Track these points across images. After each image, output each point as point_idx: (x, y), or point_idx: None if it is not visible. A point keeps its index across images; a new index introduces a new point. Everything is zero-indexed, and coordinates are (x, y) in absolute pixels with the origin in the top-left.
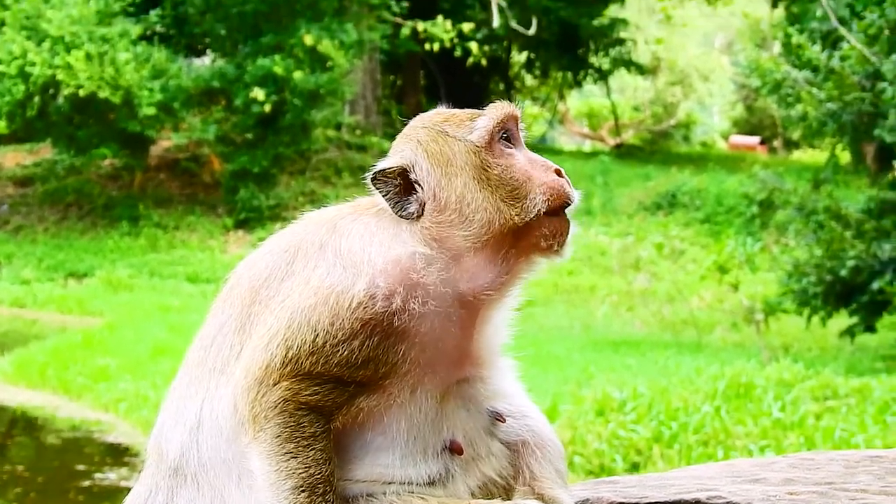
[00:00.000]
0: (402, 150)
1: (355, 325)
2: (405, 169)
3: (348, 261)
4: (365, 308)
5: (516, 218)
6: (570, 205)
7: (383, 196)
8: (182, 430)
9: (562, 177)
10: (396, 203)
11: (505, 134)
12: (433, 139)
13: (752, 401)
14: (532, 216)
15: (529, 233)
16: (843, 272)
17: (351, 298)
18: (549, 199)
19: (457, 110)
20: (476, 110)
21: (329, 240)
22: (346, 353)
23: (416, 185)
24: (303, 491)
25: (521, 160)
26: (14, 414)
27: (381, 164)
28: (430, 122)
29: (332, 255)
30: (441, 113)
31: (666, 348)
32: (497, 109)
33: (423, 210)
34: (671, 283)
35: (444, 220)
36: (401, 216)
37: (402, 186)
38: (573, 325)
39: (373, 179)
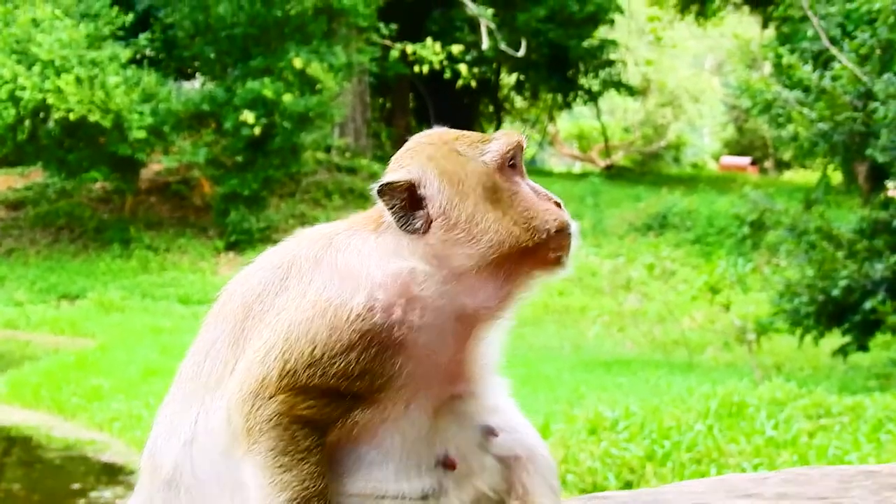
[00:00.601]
0: (408, 165)
1: (353, 337)
2: (413, 184)
3: (346, 274)
4: (363, 320)
5: (528, 240)
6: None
7: (389, 209)
8: (176, 443)
9: (561, 209)
10: (402, 217)
11: (512, 161)
12: (445, 156)
13: (744, 419)
14: (542, 237)
15: (536, 252)
16: (836, 292)
17: (349, 311)
18: (556, 224)
19: (464, 131)
20: (483, 134)
21: (325, 254)
22: (343, 364)
23: (423, 201)
24: None
25: (526, 188)
26: (9, 434)
27: (389, 177)
28: (440, 140)
29: (329, 269)
30: (448, 132)
31: (657, 368)
32: (509, 136)
33: (428, 226)
34: (662, 304)
35: (451, 238)
36: (405, 231)
37: (408, 201)
38: (564, 346)
39: (379, 192)
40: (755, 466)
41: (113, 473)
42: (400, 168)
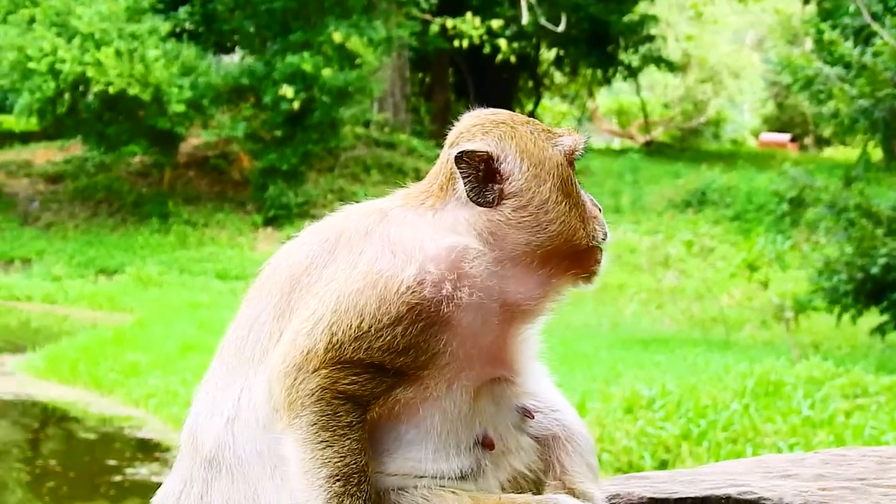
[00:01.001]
0: (484, 138)
1: (402, 309)
2: (492, 156)
3: (398, 247)
4: (413, 292)
5: (584, 240)
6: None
7: (464, 177)
8: (218, 420)
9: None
10: (475, 187)
11: (575, 161)
12: (524, 137)
13: (781, 398)
14: (596, 242)
15: (582, 256)
16: (874, 270)
17: (400, 283)
18: (603, 235)
19: (528, 117)
20: (546, 125)
21: (377, 227)
22: (389, 338)
23: (499, 176)
24: (337, 480)
25: (582, 190)
26: (46, 409)
27: (469, 145)
28: (514, 120)
29: (380, 241)
30: (516, 114)
31: (695, 346)
32: (578, 135)
33: (498, 202)
34: (700, 281)
35: (516, 219)
36: (476, 201)
37: (483, 172)
38: (601, 323)
39: (457, 159)
40: (791, 446)
41: (149, 450)
42: (476, 139)
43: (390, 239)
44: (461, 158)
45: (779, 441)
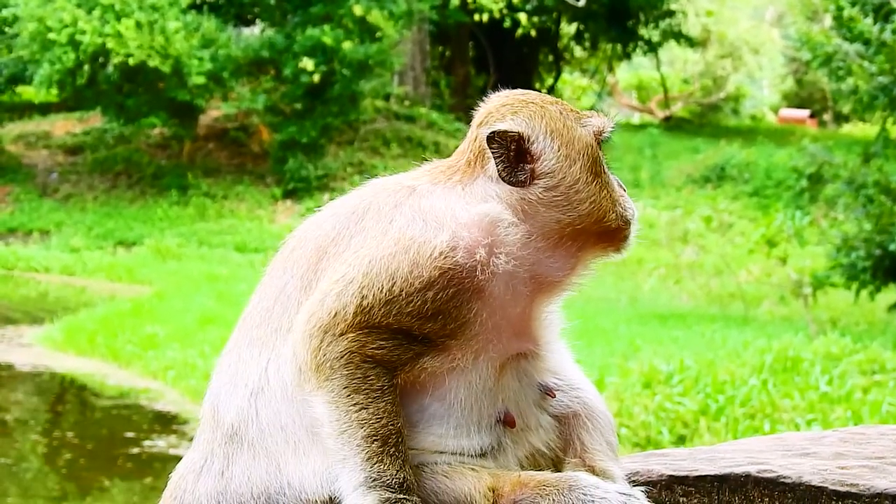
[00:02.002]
0: (514, 118)
1: (434, 274)
2: (523, 136)
3: (430, 216)
4: (446, 258)
5: (614, 221)
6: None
7: (497, 157)
8: (242, 392)
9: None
10: (507, 167)
11: (603, 142)
12: (554, 118)
13: (799, 374)
14: (624, 223)
15: (611, 234)
16: (893, 246)
17: (433, 248)
18: (631, 214)
19: (559, 99)
20: (573, 107)
21: (406, 200)
22: (419, 302)
23: (530, 156)
24: (375, 440)
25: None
26: (63, 381)
27: (502, 125)
28: (544, 101)
29: (411, 212)
30: (547, 96)
31: (713, 321)
32: (606, 117)
33: (530, 182)
34: (719, 257)
35: (547, 198)
36: (508, 181)
37: (515, 152)
38: (620, 298)
39: (489, 138)
40: (809, 422)
41: (167, 422)
42: (506, 119)
43: (421, 209)
44: (493, 138)
45: (796, 417)
